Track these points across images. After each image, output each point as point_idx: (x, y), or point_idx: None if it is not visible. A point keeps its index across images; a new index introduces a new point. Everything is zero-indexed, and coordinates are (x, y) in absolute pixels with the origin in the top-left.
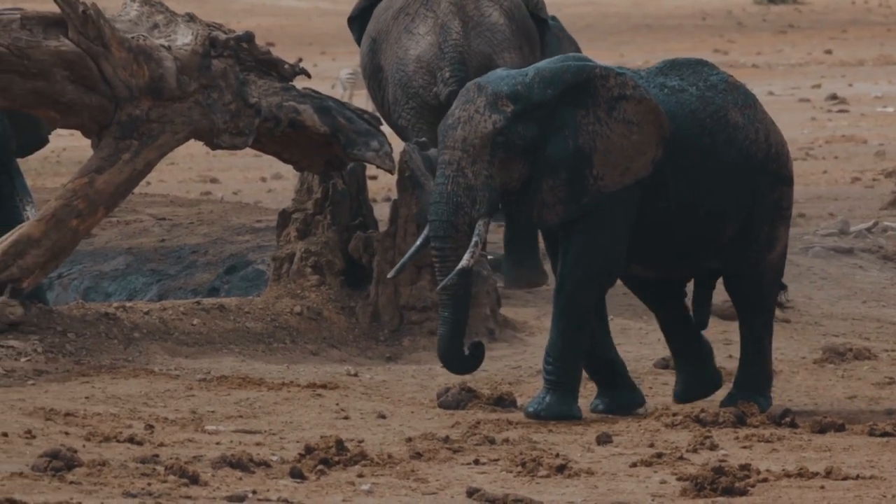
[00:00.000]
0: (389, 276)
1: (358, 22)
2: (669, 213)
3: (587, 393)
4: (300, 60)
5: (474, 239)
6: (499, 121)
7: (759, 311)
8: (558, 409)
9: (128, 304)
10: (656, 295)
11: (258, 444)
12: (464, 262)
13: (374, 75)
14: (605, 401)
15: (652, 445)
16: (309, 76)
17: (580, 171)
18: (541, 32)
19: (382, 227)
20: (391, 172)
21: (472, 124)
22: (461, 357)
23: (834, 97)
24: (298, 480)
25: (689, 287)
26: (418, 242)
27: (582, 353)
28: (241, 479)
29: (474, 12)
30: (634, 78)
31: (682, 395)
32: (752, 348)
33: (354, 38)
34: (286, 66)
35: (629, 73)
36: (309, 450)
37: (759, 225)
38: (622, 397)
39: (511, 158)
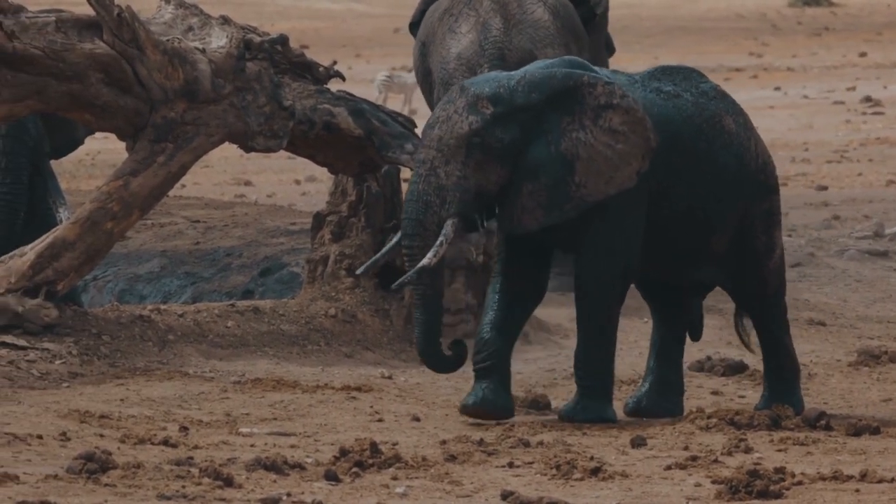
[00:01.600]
0: (358, 272)
1: (417, 28)
2: (667, 218)
3: (621, 395)
4: (334, 63)
5: (440, 238)
6: (475, 122)
7: (772, 315)
8: (593, 412)
9: (162, 307)
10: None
11: (292, 446)
12: (425, 260)
13: (424, 78)
14: (477, 395)
15: (686, 448)
16: (343, 79)
17: (562, 177)
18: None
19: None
20: None
21: (448, 124)
22: (440, 356)
23: (868, 99)
24: (333, 483)
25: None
26: (393, 241)
27: (612, 354)
28: (275, 481)
29: (517, 10)
30: (630, 82)
31: (633, 407)
32: (773, 350)
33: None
34: (320, 69)
35: (625, 77)
36: (343, 452)
37: (755, 233)
38: (497, 395)
39: (488, 161)
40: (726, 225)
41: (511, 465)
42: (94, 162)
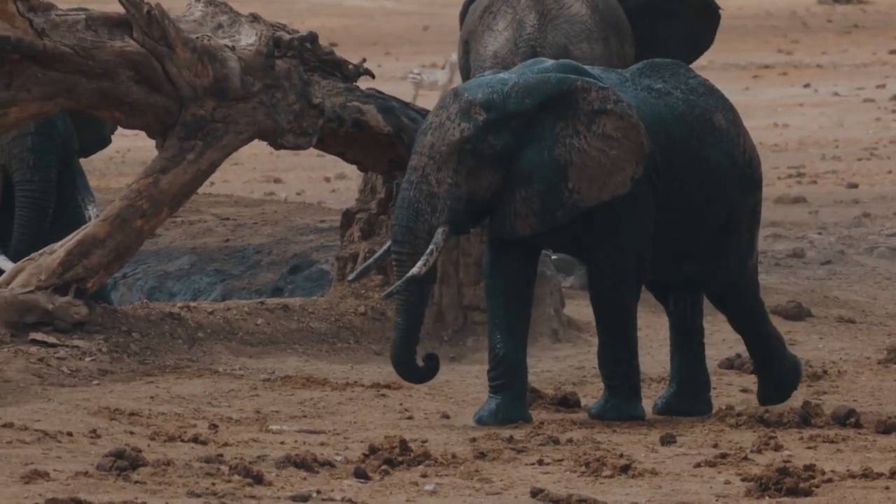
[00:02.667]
0: (349, 279)
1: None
2: (660, 215)
3: (651, 393)
4: (364, 60)
5: (430, 247)
6: (467, 129)
7: (754, 314)
8: (622, 411)
9: (192, 304)
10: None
11: (322, 443)
12: (415, 269)
13: (467, 76)
14: (492, 409)
15: (716, 446)
16: (373, 76)
17: (555, 183)
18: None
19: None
20: None
21: (441, 131)
22: (413, 365)
23: None
24: (362, 480)
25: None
26: (384, 247)
27: (634, 352)
28: (305, 478)
29: (553, 5)
30: (621, 81)
31: (663, 407)
32: (763, 349)
33: None
34: (350, 67)
35: (615, 76)
36: (373, 450)
37: (739, 230)
38: (511, 409)
39: (480, 168)
40: (715, 221)
41: (541, 462)
42: (124, 160)
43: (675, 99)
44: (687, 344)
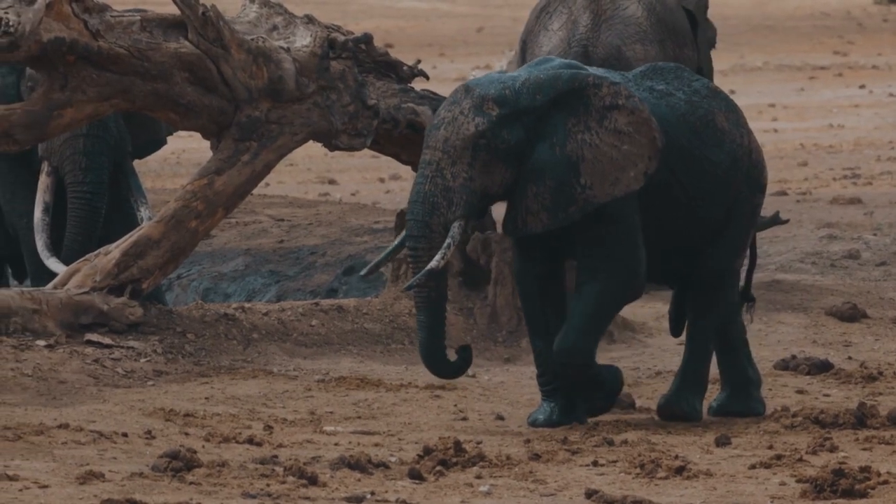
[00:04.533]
0: (361, 273)
1: None
2: (660, 216)
3: (707, 395)
4: (419, 62)
5: (447, 241)
6: (481, 123)
7: (714, 317)
8: (556, 417)
9: (247, 305)
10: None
11: (376, 444)
12: (433, 263)
13: None
14: (546, 412)
15: (771, 447)
16: (427, 78)
17: (567, 179)
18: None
19: (500, 228)
20: None
21: (455, 125)
22: (445, 361)
23: None
24: (417, 481)
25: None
26: (396, 242)
27: (593, 353)
28: (359, 480)
29: (609, 5)
30: (624, 81)
31: (717, 409)
32: (697, 353)
33: None
34: (405, 68)
35: (618, 77)
36: (427, 451)
37: (733, 230)
38: (566, 412)
39: (493, 162)
40: (712, 221)
41: (595, 463)
42: (179, 161)
43: (676, 100)
44: (728, 343)
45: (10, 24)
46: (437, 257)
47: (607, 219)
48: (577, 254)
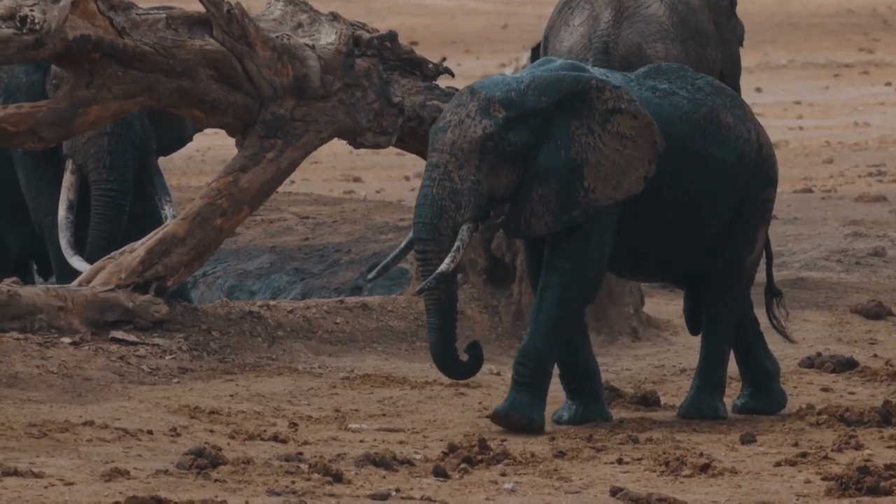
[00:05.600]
0: (369, 277)
1: None
2: (664, 216)
3: (731, 392)
4: (444, 59)
5: (456, 244)
6: (489, 126)
7: (727, 314)
8: (526, 409)
9: (272, 303)
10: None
11: (401, 442)
12: (443, 266)
13: None
14: (571, 410)
15: (796, 445)
16: (452, 75)
17: (571, 182)
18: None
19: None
20: None
21: (462, 128)
22: (457, 362)
23: None
24: (441, 479)
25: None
26: (402, 245)
27: (556, 359)
28: (384, 477)
29: (631, 3)
30: (626, 82)
31: (741, 407)
32: (713, 352)
33: None
34: (430, 65)
35: (620, 77)
36: (452, 448)
37: (743, 225)
38: (591, 409)
39: (500, 165)
40: (721, 218)
41: (620, 461)
42: (204, 158)
43: (679, 98)
44: (744, 340)
45: (36, 21)
46: (447, 261)
47: (585, 226)
48: (546, 252)
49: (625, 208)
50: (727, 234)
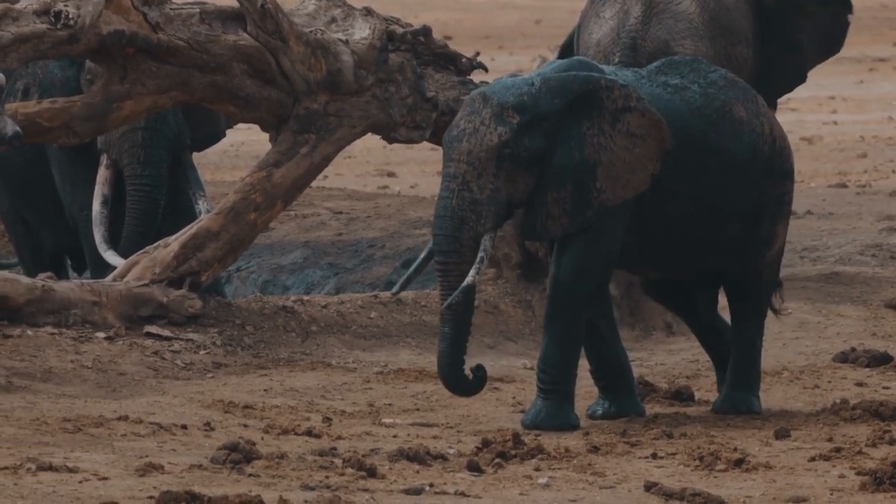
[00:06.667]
0: (392, 291)
1: None
2: (677, 213)
3: (763, 387)
4: (477, 54)
5: (480, 255)
6: (504, 133)
7: (754, 311)
8: (557, 418)
9: (305, 298)
10: (685, 304)
11: (435, 437)
12: (469, 278)
13: None
14: (605, 405)
15: (830, 440)
16: (486, 70)
17: (585, 183)
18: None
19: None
20: None
21: (477, 137)
22: (462, 377)
23: None
24: (475, 474)
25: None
26: (422, 256)
27: (576, 358)
28: (418, 472)
29: None
30: (636, 78)
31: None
32: (745, 349)
33: None
34: (464, 60)
35: (630, 74)
36: (486, 443)
37: (761, 221)
38: (625, 404)
39: (517, 171)
40: (738, 214)
41: (654, 456)
42: (238, 153)
43: (691, 93)
44: (720, 342)
45: (70, 16)
46: (472, 273)
47: (595, 225)
48: (555, 250)
49: (635, 205)
50: (745, 231)
